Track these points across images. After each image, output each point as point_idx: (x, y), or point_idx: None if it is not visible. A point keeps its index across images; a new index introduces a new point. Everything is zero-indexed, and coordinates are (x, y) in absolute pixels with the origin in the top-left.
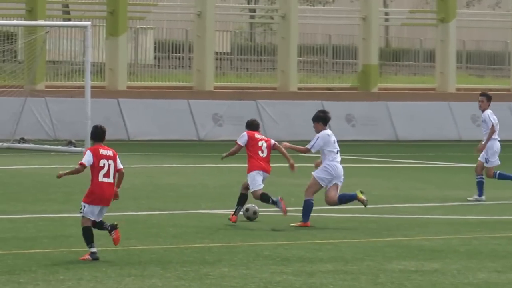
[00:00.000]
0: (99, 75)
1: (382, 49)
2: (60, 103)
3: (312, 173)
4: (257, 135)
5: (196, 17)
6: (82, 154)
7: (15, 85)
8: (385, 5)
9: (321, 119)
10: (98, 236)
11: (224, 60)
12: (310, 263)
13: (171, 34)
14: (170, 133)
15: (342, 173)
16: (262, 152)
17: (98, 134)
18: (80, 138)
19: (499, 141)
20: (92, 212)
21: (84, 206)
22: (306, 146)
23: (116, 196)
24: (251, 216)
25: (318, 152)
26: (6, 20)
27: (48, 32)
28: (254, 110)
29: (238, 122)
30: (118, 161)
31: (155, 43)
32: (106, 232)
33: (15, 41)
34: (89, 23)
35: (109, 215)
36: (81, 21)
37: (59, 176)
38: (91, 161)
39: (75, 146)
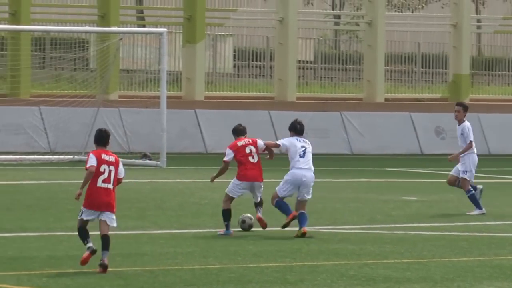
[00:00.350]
0: (175, 84)
1: (474, 57)
2: (134, 114)
3: None
4: (239, 143)
5: (277, 24)
6: (157, 167)
7: (87, 95)
8: (477, 11)
9: (292, 129)
10: (175, 255)
11: (307, 69)
12: (397, 284)
13: (251, 41)
14: None
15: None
16: (253, 157)
17: (101, 138)
18: (155, 151)
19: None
20: (88, 215)
21: (82, 211)
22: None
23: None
24: (246, 229)
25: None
26: (78, 26)
27: (121, 39)
28: (338, 122)
29: (322, 135)
30: (121, 168)
31: (234, 51)
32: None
33: (87, 49)
34: (165, 29)
35: (188, 231)
36: (156, 27)
37: (78, 196)
38: (95, 163)
39: (150, 159)
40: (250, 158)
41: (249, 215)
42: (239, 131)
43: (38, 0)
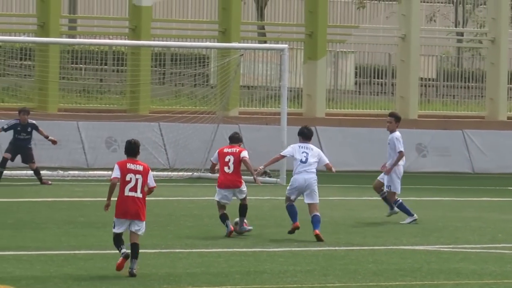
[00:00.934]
0: (296, 101)
1: None
2: (255, 130)
3: None
4: (226, 149)
5: (400, 41)
6: (277, 185)
7: (207, 111)
8: None
9: (300, 134)
10: (294, 273)
11: (429, 86)
12: None
13: (373, 58)
14: (370, 163)
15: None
16: (229, 168)
17: (130, 149)
18: (275, 168)
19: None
20: (119, 226)
21: (114, 223)
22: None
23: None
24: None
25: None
26: (199, 42)
27: (242, 55)
28: (460, 140)
29: (444, 153)
30: (150, 177)
31: (355, 68)
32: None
33: (208, 65)
34: (286, 46)
35: (307, 249)
36: (277, 43)
37: (105, 207)
38: (118, 174)
39: (269, 177)
40: (226, 168)
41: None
42: (233, 139)
43: (159, 16)
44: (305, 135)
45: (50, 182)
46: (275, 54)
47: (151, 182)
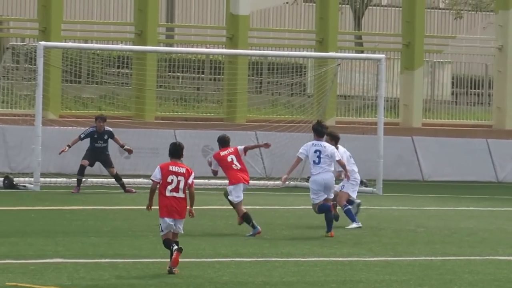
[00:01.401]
0: (393, 111)
1: None
2: (351, 140)
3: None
4: (222, 153)
5: (497, 51)
6: (373, 194)
7: (304, 120)
8: None
9: (314, 130)
10: (390, 283)
11: None
12: None
13: (470, 68)
14: (466, 174)
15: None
16: (236, 165)
17: (174, 151)
18: (371, 178)
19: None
20: (166, 227)
21: (160, 226)
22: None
23: (190, 213)
24: None
25: None
26: (296, 51)
27: (339, 64)
28: None
29: None
30: (191, 178)
31: (452, 78)
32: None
33: (305, 74)
34: (383, 55)
35: (403, 259)
36: (374, 53)
37: (147, 207)
38: (158, 176)
39: (366, 186)
40: (234, 167)
41: None
42: (224, 142)
43: (256, 25)
44: (319, 133)
45: (134, 191)
46: (372, 64)
47: (189, 180)
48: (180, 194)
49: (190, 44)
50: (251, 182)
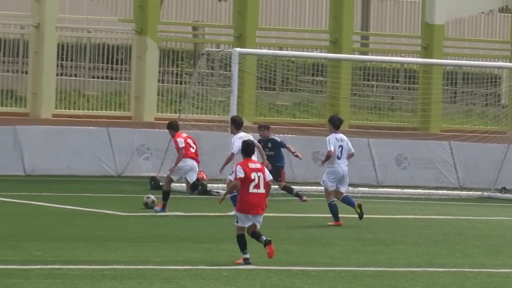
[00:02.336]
0: None
1: None
2: None
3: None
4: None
5: None
6: None
7: (498, 131)
8: None
9: (331, 122)
10: None
11: None
12: None
13: None
14: None
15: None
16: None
17: (248, 150)
18: None
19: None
20: (244, 221)
21: (237, 216)
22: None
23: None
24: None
25: None
26: (490, 61)
27: None
28: None
29: None
30: (267, 173)
31: None
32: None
33: (499, 84)
34: None
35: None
36: None
37: (221, 201)
38: (243, 174)
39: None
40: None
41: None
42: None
43: (451, 34)
44: (336, 126)
45: (305, 198)
46: None
47: (268, 176)
48: (261, 190)
49: (385, 53)
50: (444, 192)
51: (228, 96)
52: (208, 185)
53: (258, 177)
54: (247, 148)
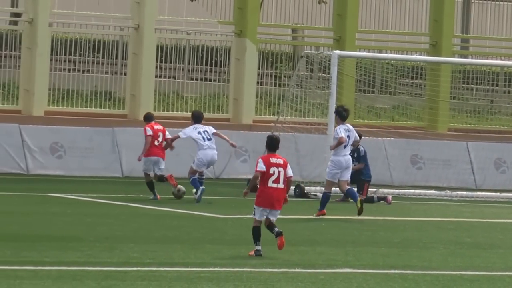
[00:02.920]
0: None
1: None
2: None
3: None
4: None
5: None
6: None
7: None
8: None
9: (338, 113)
10: None
11: None
12: None
13: None
14: None
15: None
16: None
17: (272, 145)
18: None
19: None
20: (260, 214)
21: (254, 208)
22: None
23: (285, 201)
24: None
25: None
26: None
27: None
28: None
29: None
30: (289, 169)
31: None
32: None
33: None
34: None
35: None
36: None
37: (244, 194)
38: (264, 168)
39: None
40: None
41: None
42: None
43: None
44: (344, 116)
45: (390, 198)
46: None
47: (289, 172)
48: (281, 185)
49: (485, 56)
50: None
51: (326, 99)
52: (306, 187)
53: (279, 172)
54: (272, 143)
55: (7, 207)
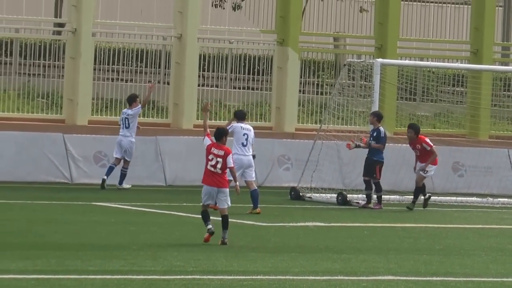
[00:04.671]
0: None
1: None
2: None
3: None
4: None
5: None
6: None
7: None
8: None
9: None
10: None
11: None
12: None
13: None
14: None
15: None
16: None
17: (218, 135)
18: None
19: None
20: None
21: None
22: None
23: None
24: None
25: None
26: None
27: None
28: None
29: None
30: (229, 160)
31: None
32: None
33: None
34: None
35: None
36: None
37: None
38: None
39: None
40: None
41: None
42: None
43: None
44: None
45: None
46: None
47: (229, 163)
48: (217, 171)
49: None
50: None
51: (369, 107)
52: (348, 195)
53: (217, 161)
54: (217, 133)
55: (52, 216)
